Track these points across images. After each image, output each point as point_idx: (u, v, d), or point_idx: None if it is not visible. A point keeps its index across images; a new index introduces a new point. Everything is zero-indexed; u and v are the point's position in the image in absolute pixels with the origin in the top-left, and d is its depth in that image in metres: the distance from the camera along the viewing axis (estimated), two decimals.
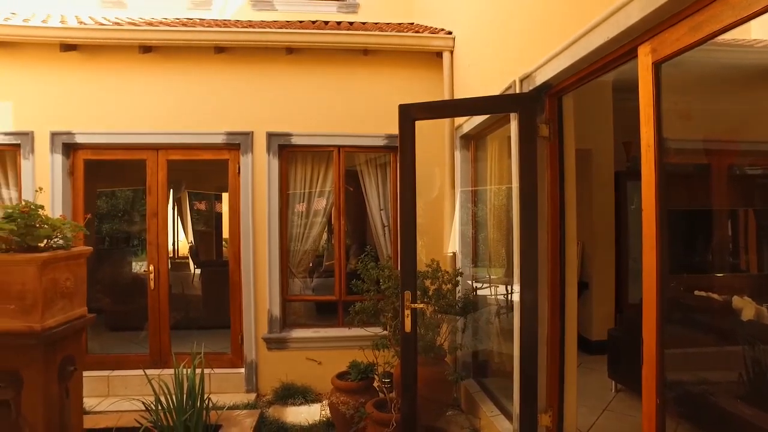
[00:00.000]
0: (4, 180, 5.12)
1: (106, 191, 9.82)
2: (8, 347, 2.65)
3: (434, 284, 3.98)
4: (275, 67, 5.02)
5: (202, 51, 4.93)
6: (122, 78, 4.96)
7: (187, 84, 4.99)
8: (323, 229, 5.51)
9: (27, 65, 4.90)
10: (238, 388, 4.87)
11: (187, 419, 3.34)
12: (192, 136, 4.97)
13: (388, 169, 5.25)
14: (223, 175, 5.24)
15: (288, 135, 5.01)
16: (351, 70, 5.07)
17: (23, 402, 2.65)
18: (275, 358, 4.92)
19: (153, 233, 5.10)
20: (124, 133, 4.94)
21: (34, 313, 2.63)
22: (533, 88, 3.06)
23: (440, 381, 3.86)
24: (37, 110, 4.91)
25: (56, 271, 2.80)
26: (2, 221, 2.54)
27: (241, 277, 4.98)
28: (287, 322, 5.15)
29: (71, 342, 3.00)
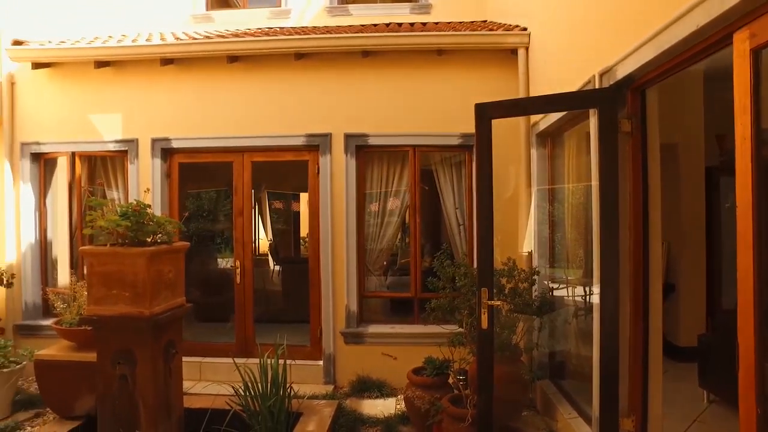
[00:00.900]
0: (114, 182, 5.71)
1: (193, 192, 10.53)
2: (125, 329, 2.99)
3: (510, 282, 3.96)
4: (352, 71, 5.20)
5: (282, 58, 5.21)
6: (212, 87, 5.36)
7: (270, 90, 5.30)
8: (399, 228, 5.62)
9: (132, 80, 5.43)
10: (316, 380, 5.09)
11: (271, 405, 3.55)
12: (274, 139, 5.26)
13: (463, 167, 5.27)
14: (299, 175, 5.50)
15: (365, 136, 5.18)
16: (425, 71, 5.15)
17: (137, 377, 2.97)
18: (352, 352, 5.10)
19: (239, 231, 5.45)
20: (213, 137, 5.33)
21: (144, 300, 2.95)
22: (614, 83, 2.98)
23: (515, 380, 3.84)
24: (140, 119, 5.42)
25: (161, 263, 3.11)
26: (119, 219, 2.85)
27: (320, 274, 5.20)
28: (364, 318, 5.31)
29: (173, 328, 3.32)
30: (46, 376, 4.03)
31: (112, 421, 3.05)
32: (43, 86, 5.59)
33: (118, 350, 3.03)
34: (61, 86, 5.57)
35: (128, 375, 2.98)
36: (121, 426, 2.99)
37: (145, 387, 3.02)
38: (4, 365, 4.34)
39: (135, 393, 3.00)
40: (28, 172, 5.61)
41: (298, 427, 3.65)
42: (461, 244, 5.27)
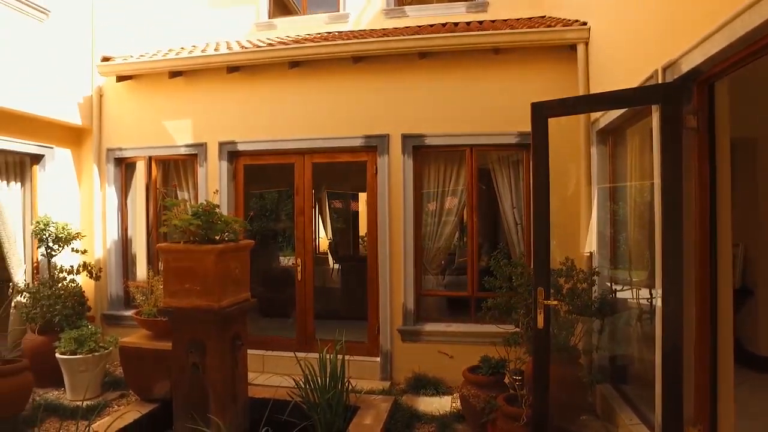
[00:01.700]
0: (185, 183, 6.11)
1: (257, 193, 10.98)
2: (197, 321, 3.22)
3: (568, 283, 3.88)
4: (409, 72, 5.27)
5: (341, 62, 5.37)
6: (274, 91, 5.61)
7: (329, 93, 5.48)
8: (455, 227, 5.64)
9: (202, 88, 5.80)
10: (373, 376, 5.21)
11: (329, 398, 3.69)
12: (333, 141, 5.43)
13: (521, 166, 5.20)
14: (359, 176, 5.63)
15: (422, 136, 5.23)
16: (482, 70, 5.13)
17: (207, 365, 3.19)
18: (409, 350, 5.18)
19: (300, 230, 5.67)
20: (275, 140, 5.58)
21: (213, 294, 3.17)
22: (678, 77, 2.86)
23: (573, 382, 3.76)
24: (208, 124, 5.77)
25: (228, 260, 3.33)
26: (191, 218, 3.08)
27: (377, 272, 5.32)
28: (420, 316, 5.37)
29: (239, 321, 3.53)
30: (129, 361, 4.40)
31: (185, 405, 3.30)
32: (125, 97, 6.08)
33: (190, 340, 3.28)
34: (139, 96, 6.03)
35: (199, 363, 3.22)
36: (193, 410, 3.23)
37: (214, 375, 3.25)
38: (96, 350, 4.78)
39: (205, 380, 3.23)
40: (112, 175, 6.12)
41: (355, 420, 3.77)
42: (518, 244, 5.21)
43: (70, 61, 5.86)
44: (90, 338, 4.82)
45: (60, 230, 5.43)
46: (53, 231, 5.40)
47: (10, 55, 5.12)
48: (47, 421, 4.28)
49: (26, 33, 5.32)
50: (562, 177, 4.78)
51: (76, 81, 5.95)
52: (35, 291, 5.16)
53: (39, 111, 5.45)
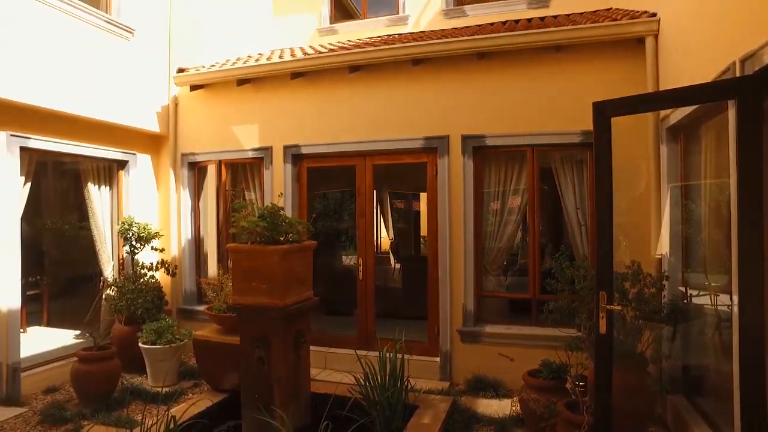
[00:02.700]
0: (252, 185, 6.42)
1: (320, 194, 11.28)
2: (262, 318, 3.39)
3: (634, 287, 3.72)
4: (468, 72, 5.25)
5: (400, 64, 5.43)
6: (336, 95, 5.77)
7: (389, 96, 5.55)
8: (517, 228, 5.54)
9: (267, 94, 6.06)
10: (432, 376, 5.23)
11: (389, 396, 3.76)
12: (394, 143, 5.51)
13: (584, 166, 5.04)
14: (420, 176, 5.67)
15: (482, 137, 5.19)
16: (543, 68, 5.01)
17: (272, 359, 3.36)
18: (468, 351, 5.16)
19: (361, 230, 5.80)
20: (337, 143, 5.73)
21: (278, 293, 3.33)
22: (759, 69, 2.67)
23: (640, 391, 3.60)
24: (274, 129, 6.03)
25: (292, 260, 3.48)
26: (258, 220, 3.26)
27: (438, 272, 5.33)
28: (480, 317, 5.33)
29: (302, 319, 3.68)
30: (201, 353, 4.71)
31: (252, 397, 3.49)
32: (197, 105, 6.48)
33: (256, 336, 3.46)
34: (210, 104, 6.40)
35: (264, 358, 3.39)
36: (259, 401, 3.41)
37: (278, 369, 3.41)
38: (173, 341, 5.15)
39: (270, 374, 3.41)
40: (186, 178, 6.54)
41: (413, 419, 3.82)
42: (582, 246, 5.05)
43: (150, 74, 6.33)
44: (168, 330, 5.19)
45: (141, 230, 5.88)
46: (136, 231, 5.86)
47: (102, 72, 5.60)
48: (133, 404, 4.66)
49: (115, 51, 5.80)
50: (630, 176, 4.58)
51: (155, 92, 6.41)
52: (121, 285, 5.62)
53: (125, 121, 5.93)
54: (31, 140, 5.12)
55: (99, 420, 4.24)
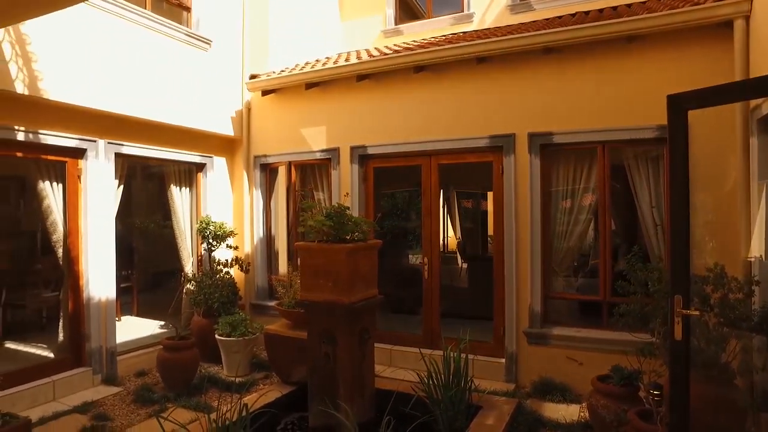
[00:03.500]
0: (320, 185, 6.63)
1: (387, 193, 11.40)
2: (328, 314, 3.52)
3: (717, 291, 3.48)
4: (534, 68, 5.12)
5: (465, 63, 5.40)
6: (400, 96, 5.83)
7: (454, 95, 5.54)
8: (587, 228, 5.34)
9: (334, 96, 6.23)
10: (497, 377, 5.16)
11: (452, 395, 3.77)
12: (458, 142, 5.49)
13: (661, 163, 4.76)
14: (486, 175, 5.61)
15: (549, 134, 5.06)
16: (614, 60, 4.79)
17: (337, 355, 3.47)
18: (535, 353, 5.05)
19: (427, 229, 5.83)
20: (402, 143, 5.79)
21: (344, 290, 3.44)
22: None
23: (726, 406, 3.35)
24: (341, 130, 6.19)
25: (357, 258, 3.58)
26: (324, 219, 3.38)
27: (504, 272, 5.26)
28: (548, 319, 5.20)
29: (367, 316, 3.78)
30: (272, 346, 4.95)
31: (319, 390, 3.63)
32: (268, 109, 6.79)
33: (323, 331, 3.60)
34: (280, 107, 6.68)
35: (330, 353, 3.52)
36: (325, 395, 3.54)
37: (343, 364, 3.53)
38: (246, 334, 5.45)
39: (335, 368, 3.53)
40: (258, 179, 6.87)
41: (476, 419, 3.81)
42: (658, 246, 4.77)
43: (225, 82, 6.71)
44: (241, 324, 5.50)
45: (218, 228, 6.26)
46: (213, 229, 6.25)
47: (182, 81, 6.02)
48: (210, 391, 4.99)
49: (194, 61, 6.21)
50: (716, 172, 4.28)
51: (230, 98, 6.79)
52: (199, 280, 6.02)
53: (203, 126, 6.33)
54: (123, 147, 5.61)
55: (181, 403, 4.59)
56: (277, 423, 4.05)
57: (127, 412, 4.58)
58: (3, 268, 5.02)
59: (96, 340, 5.28)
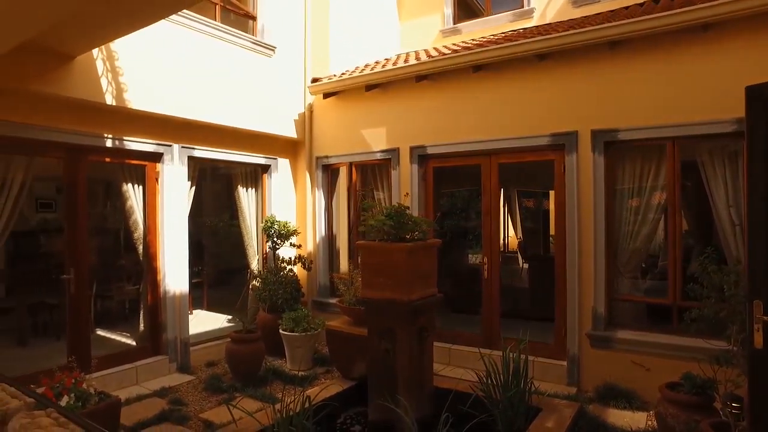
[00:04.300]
0: (380, 185, 6.75)
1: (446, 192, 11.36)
2: (388, 311, 3.61)
3: None
4: (598, 63, 4.96)
5: (525, 61, 5.31)
6: (459, 95, 5.82)
7: (513, 93, 5.46)
8: (655, 228, 5.11)
9: (394, 97, 6.32)
10: (558, 380, 5.06)
11: (511, 396, 3.75)
12: (519, 141, 5.41)
13: (739, 158, 4.47)
14: (548, 174, 5.50)
15: (613, 131, 4.89)
16: (687, 51, 4.55)
17: (396, 351, 3.55)
18: (598, 356, 4.90)
19: (487, 229, 5.79)
20: (461, 142, 5.79)
21: (403, 288, 3.51)
22: None
23: None
24: (400, 131, 6.27)
25: (417, 257, 3.64)
26: (385, 219, 3.47)
27: (566, 273, 5.14)
28: (612, 322, 5.03)
29: (426, 314, 3.83)
30: (333, 342, 5.11)
31: (378, 385, 3.72)
32: (329, 111, 6.98)
33: (383, 328, 3.68)
34: (341, 109, 6.85)
35: (390, 349, 3.60)
36: (384, 390, 3.62)
37: (402, 361, 3.60)
38: (308, 330, 5.65)
39: (395, 365, 3.60)
40: (320, 180, 7.08)
41: (536, 421, 3.76)
42: (736, 248, 4.49)
43: (288, 86, 6.96)
44: (304, 320, 5.70)
45: (282, 227, 6.52)
46: (277, 228, 6.51)
47: (248, 86, 6.32)
48: (274, 383, 5.22)
49: (259, 67, 6.50)
50: None
51: (293, 101, 7.04)
52: (264, 277, 6.29)
53: (267, 129, 6.61)
54: (195, 150, 5.98)
55: (247, 393, 4.84)
56: (337, 416, 4.19)
57: (200, 398, 4.89)
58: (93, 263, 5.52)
59: (172, 331, 5.67)
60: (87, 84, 4.69)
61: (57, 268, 6.14)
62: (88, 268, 5.20)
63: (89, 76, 4.71)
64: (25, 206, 5.07)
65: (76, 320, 5.03)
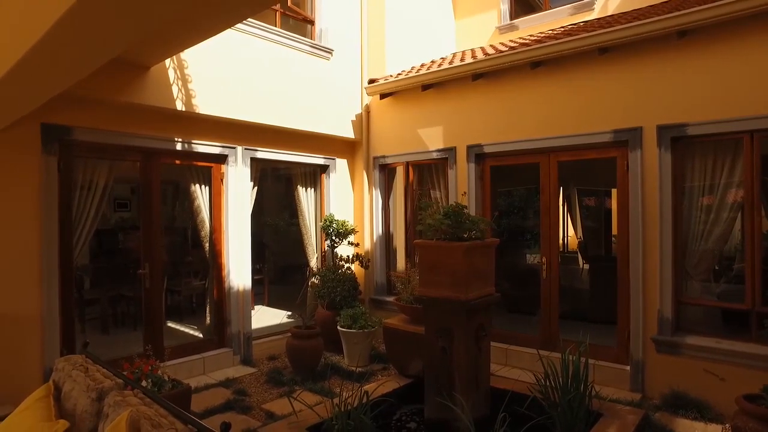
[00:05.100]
0: (437, 184, 6.76)
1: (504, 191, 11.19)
2: (445, 310, 3.63)
3: None
4: (665, 55, 4.73)
5: (585, 55, 5.15)
6: (517, 93, 5.73)
7: (572, 89, 5.32)
8: (730, 228, 4.82)
9: (450, 96, 6.31)
10: (621, 385, 4.87)
11: (570, 399, 3.66)
12: (579, 138, 5.26)
13: None
14: (611, 172, 5.31)
15: (682, 126, 4.65)
16: (765, 38, 4.25)
17: (453, 350, 3.57)
18: (665, 363, 4.68)
19: (545, 228, 5.67)
20: (519, 141, 5.70)
21: (461, 287, 3.52)
22: None
23: None
24: (457, 130, 6.25)
25: (474, 256, 3.64)
26: (442, 218, 3.50)
27: (629, 274, 4.95)
28: (680, 327, 4.79)
29: (483, 313, 3.82)
30: (390, 340, 5.18)
31: (435, 383, 3.75)
32: (386, 111, 7.06)
33: (440, 326, 3.71)
34: (397, 109, 6.92)
35: (447, 348, 3.62)
36: (441, 388, 3.65)
37: (459, 359, 3.61)
38: (365, 327, 5.76)
39: (451, 363, 3.62)
40: (377, 179, 7.18)
41: (597, 426, 3.66)
42: None
43: (345, 87, 7.11)
44: (361, 317, 5.81)
45: (340, 226, 6.67)
46: (335, 227, 6.67)
47: (307, 89, 6.51)
48: (332, 378, 5.36)
49: (317, 70, 6.68)
50: None
51: (350, 102, 7.18)
52: (323, 275, 6.46)
53: (326, 130, 6.79)
54: (257, 152, 6.24)
55: (307, 387, 5.00)
56: (394, 413, 4.25)
57: (261, 390, 5.10)
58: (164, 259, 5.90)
59: (235, 325, 5.95)
60: (160, 92, 5.02)
61: (133, 264, 6.60)
62: (161, 264, 5.56)
63: (162, 85, 5.04)
64: (105, 206, 5.47)
65: (151, 312, 5.39)
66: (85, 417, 2.11)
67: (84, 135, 4.78)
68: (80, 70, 3.14)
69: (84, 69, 3.12)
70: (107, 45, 2.71)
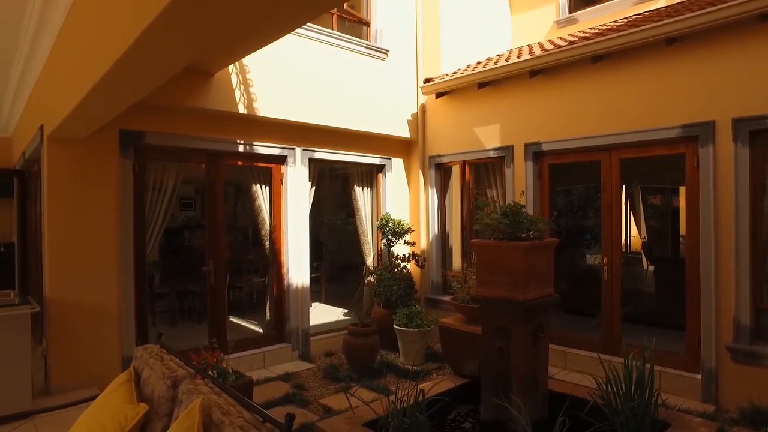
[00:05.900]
0: (494, 183, 6.67)
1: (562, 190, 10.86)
2: (503, 310, 3.60)
3: None
4: (743, 42, 4.41)
5: (650, 47, 4.92)
6: (576, 89, 5.56)
7: (635, 83, 5.09)
8: None
9: (506, 94, 6.21)
10: (690, 395, 4.63)
11: (634, 407, 3.51)
12: (643, 134, 5.04)
13: None
14: (679, 169, 5.05)
15: (762, 118, 4.32)
16: None
17: (511, 351, 3.53)
18: (743, 374, 4.39)
19: (607, 228, 5.47)
20: (579, 138, 5.53)
21: (518, 287, 3.47)
22: None
23: None
24: (514, 128, 6.15)
25: (533, 256, 3.57)
26: (500, 217, 3.46)
27: (699, 277, 4.70)
28: (760, 335, 4.48)
29: (542, 314, 3.74)
30: (446, 339, 5.17)
31: (491, 383, 3.71)
32: (441, 110, 7.04)
33: (497, 326, 3.67)
34: (453, 108, 6.88)
35: (504, 348, 3.58)
36: (498, 388, 3.61)
37: (517, 360, 3.55)
38: (421, 326, 5.79)
39: (509, 364, 3.57)
40: (433, 179, 7.18)
41: None
42: None
43: (401, 87, 7.15)
44: (417, 316, 5.84)
45: (396, 225, 6.72)
46: (391, 226, 6.73)
47: (363, 90, 6.61)
48: (388, 376, 5.42)
49: (373, 71, 6.77)
50: None
51: (406, 102, 7.22)
52: (379, 273, 6.54)
53: (382, 130, 6.86)
54: (315, 152, 6.40)
55: (363, 383, 5.09)
56: (448, 412, 4.24)
57: (319, 385, 5.23)
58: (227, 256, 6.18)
59: (294, 321, 6.13)
60: (224, 96, 5.27)
61: (198, 261, 6.95)
62: (224, 261, 5.82)
63: (225, 90, 5.28)
64: (173, 206, 5.81)
65: (215, 307, 5.66)
66: (162, 402, 2.27)
67: (155, 139, 5.10)
68: (158, 79, 3.36)
69: (161, 77, 3.33)
70: (185, 54, 2.89)
